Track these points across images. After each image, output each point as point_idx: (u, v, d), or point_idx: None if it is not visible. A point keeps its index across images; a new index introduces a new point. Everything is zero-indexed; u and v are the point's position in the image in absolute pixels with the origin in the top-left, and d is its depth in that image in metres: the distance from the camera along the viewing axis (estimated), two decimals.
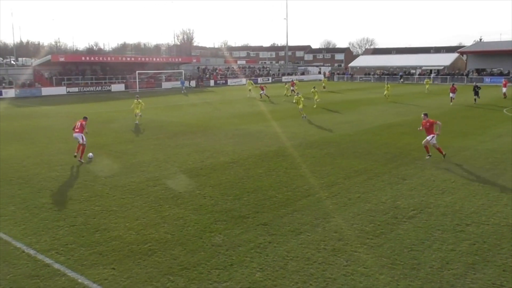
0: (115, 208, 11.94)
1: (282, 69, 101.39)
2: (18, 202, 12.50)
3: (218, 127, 26.63)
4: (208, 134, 24.26)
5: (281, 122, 28.17)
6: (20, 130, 26.48)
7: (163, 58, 79.75)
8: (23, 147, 21.02)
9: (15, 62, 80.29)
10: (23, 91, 55.73)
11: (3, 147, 20.87)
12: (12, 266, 8.54)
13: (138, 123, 28.21)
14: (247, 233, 10.07)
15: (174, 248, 9.30)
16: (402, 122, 28.10)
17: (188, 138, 22.93)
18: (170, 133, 24.53)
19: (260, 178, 14.77)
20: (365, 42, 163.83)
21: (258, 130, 25.05)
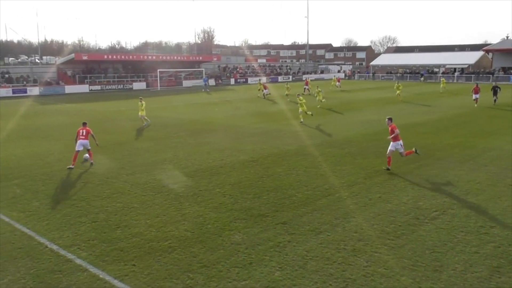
0: (136, 205, 12.06)
1: (302, 67, 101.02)
2: (42, 198, 12.74)
3: (238, 126, 26.67)
4: (228, 132, 24.32)
5: (302, 121, 28.03)
6: (44, 127, 26.96)
7: (184, 57, 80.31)
8: (47, 144, 21.40)
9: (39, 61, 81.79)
10: (47, 89, 56.74)
11: (28, 144, 21.29)
12: (36, 261, 8.70)
13: (146, 125, 26.81)
14: (266, 232, 10.06)
15: (194, 246, 9.35)
16: (425, 121, 27.72)
17: (209, 136, 23.02)
18: (191, 131, 24.66)
19: (279, 177, 14.74)
20: (387, 40, 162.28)
21: (278, 129, 25.01)
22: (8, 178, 14.91)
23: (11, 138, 23.14)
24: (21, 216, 11.23)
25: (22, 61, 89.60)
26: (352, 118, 29.74)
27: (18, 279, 8.01)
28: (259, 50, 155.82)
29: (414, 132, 23.60)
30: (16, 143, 21.53)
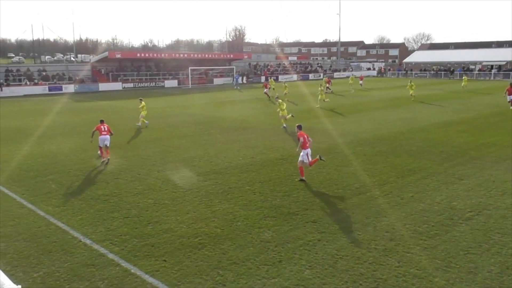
0: (167, 201, 12.22)
1: (334, 65, 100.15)
2: (76, 193, 13.05)
3: (268, 123, 26.66)
4: (259, 130, 24.34)
5: (332, 119, 27.84)
6: (79, 124, 27.59)
7: (215, 55, 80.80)
8: (81, 140, 21.90)
9: (74, 59, 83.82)
10: (81, 87, 58.03)
11: (63, 140, 21.85)
12: (70, 255, 8.93)
13: (141, 126, 25.72)
14: (296, 230, 10.03)
15: (224, 243, 9.40)
16: (459, 120, 27.06)
17: (239, 134, 23.10)
18: (221, 129, 24.80)
19: (310, 175, 14.65)
20: (421, 37, 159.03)
21: (308, 127, 24.80)
22: (43, 174, 15.34)
23: (47, 134, 23.80)
24: (56, 211, 11.53)
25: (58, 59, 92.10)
26: (384, 116, 29.29)
27: (53, 272, 8.23)
28: (290, 48, 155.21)
29: (449, 130, 23.08)
30: (51, 140, 22.13)
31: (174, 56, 71.44)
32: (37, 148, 19.87)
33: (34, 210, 11.60)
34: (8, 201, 12.46)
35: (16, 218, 11.06)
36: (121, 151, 18.96)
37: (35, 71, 59.45)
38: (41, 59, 77.97)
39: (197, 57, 73.30)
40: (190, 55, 74.27)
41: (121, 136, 22.51)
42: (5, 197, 12.79)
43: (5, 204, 12.12)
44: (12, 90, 52.49)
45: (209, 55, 77.92)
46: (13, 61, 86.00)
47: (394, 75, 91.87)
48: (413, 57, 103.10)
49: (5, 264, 8.42)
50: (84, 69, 64.51)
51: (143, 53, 75.64)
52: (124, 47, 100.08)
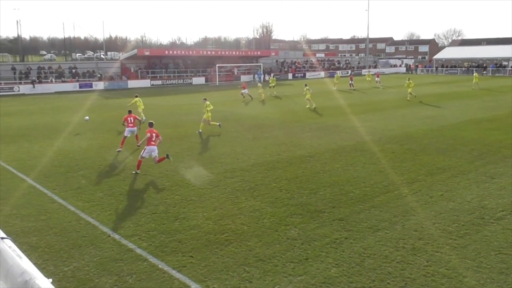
0: (194, 198, 12.31)
1: (362, 62, 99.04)
2: (106, 189, 13.28)
3: (295, 121, 26.58)
4: (285, 127, 24.29)
5: (360, 116, 27.55)
6: (108, 121, 28.07)
7: (242, 52, 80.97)
8: (111, 136, 22.29)
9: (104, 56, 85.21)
10: (111, 84, 59.00)
11: (92, 137, 22.27)
12: (99, 249, 9.10)
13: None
14: (323, 228, 9.97)
15: (250, 240, 9.42)
16: (491, 117, 26.40)
17: (266, 131, 23.10)
18: (248, 126, 24.84)
19: (337, 173, 14.55)
20: (452, 33, 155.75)
21: (335, 124, 24.69)
22: (74, 169, 15.67)
23: (77, 130, 24.29)
24: (86, 206, 11.77)
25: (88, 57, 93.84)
26: (413, 113, 28.82)
27: (83, 266, 8.41)
28: (318, 45, 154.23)
29: (480, 128, 22.56)
30: (81, 136, 22.57)
31: (202, 54, 71.97)
32: (67, 144, 20.31)
33: (65, 205, 11.86)
34: (40, 196, 12.78)
35: (47, 212, 11.33)
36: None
37: (66, 69, 60.74)
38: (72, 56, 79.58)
39: (225, 54, 73.59)
40: (217, 52, 74.71)
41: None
42: (37, 192, 13.12)
43: (36, 199, 12.43)
44: (44, 87, 53.77)
45: (236, 52, 78.05)
46: (45, 59, 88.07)
47: (424, 72, 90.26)
48: (444, 53, 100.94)
49: (36, 257, 8.64)
50: (113, 66, 65.57)
51: (171, 50, 76.36)
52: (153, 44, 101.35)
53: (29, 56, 76.68)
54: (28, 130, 24.70)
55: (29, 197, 12.64)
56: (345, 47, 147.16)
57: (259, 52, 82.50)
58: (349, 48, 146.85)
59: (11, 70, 57.48)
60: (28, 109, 35.62)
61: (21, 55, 69.82)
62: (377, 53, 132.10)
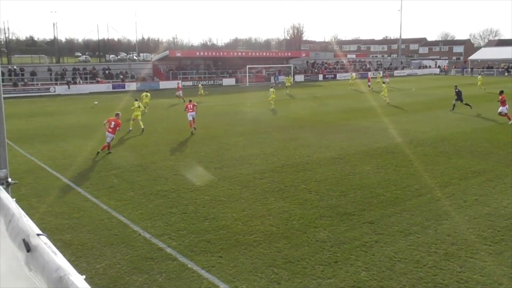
0: (223, 198, 12.39)
1: (394, 62, 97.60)
2: (137, 188, 13.51)
3: (325, 122, 26.42)
4: (316, 129, 24.17)
5: (391, 118, 27.15)
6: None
7: (272, 53, 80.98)
8: (142, 137, 22.65)
9: (137, 58, 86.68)
10: (143, 85, 59.91)
11: (126, 137, 22.68)
12: (130, 248, 9.25)
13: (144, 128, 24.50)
14: (352, 231, 9.87)
15: (279, 241, 9.41)
16: None
17: (296, 132, 23.04)
18: (278, 127, 24.83)
19: (367, 175, 14.39)
20: (488, 33, 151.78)
21: (367, 126, 24.42)
22: (106, 169, 16.00)
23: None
24: (118, 205, 11.99)
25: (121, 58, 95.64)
26: (446, 115, 28.23)
27: (114, 264, 8.57)
28: (349, 45, 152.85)
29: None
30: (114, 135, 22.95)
31: (232, 55, 72.40)
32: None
33: (98, 204, 12.13)
34: (74, 194, 13.10)
35: (80, 210, 11.61)
36: (181, 147, 19.43)
37: (100, 70, 62.12)
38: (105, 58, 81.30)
39: (255, 56, 73.78)
40: (248, 53, 74.96)
41: (180, 133, 23.08)
42: (71, 190, 13.46)
43: (70, 197, 12.75)
44: (79, 88, 55.16)
45: (266, 53, 78.18)
46: (79, 60, 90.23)
47: (458, 73, 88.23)
48: (479, 54, 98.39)
49: (70, 254, 8.86)
50: (145, 67, 66.68)
51: (202, 51, 77.10)
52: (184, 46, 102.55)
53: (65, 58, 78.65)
54: (64, 130, 25.36)
55: (63, 195, 12.98)
56: (377, 48, 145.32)
57: (289, 53, 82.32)
58: (381, 49, 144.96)
59: (48, 71, 59.18)
60: (63, 109, 36.56)
61: (57, 57, 71.74)
62: (409, 54, 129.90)
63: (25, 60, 69.89)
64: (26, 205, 11.60)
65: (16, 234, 2.35)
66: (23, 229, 2.30)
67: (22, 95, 50.20)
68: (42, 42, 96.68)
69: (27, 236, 2.23)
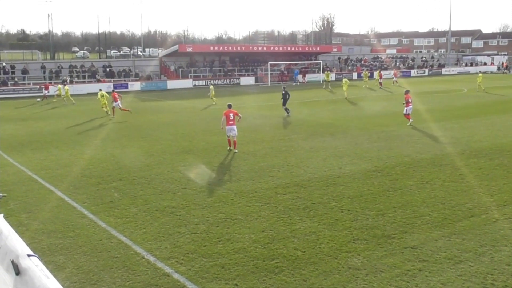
0: (240, 216, 12.41)
1: (442, 59, 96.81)
2: (140, 204, 13.63)
3: (360, 128, 26.30)
4: (348, 136, 24.08)
5: (439, 124, 26.90)
6: (144, 126, 28.85)
7: (298, 48, 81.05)
8: (147, 144, 22.87)
9: (142, 53, 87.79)
10: (148, 84, 60.71)
11: (127, 144, 22.94)
12: (132, 272, 9.33)
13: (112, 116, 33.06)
14: (391, 257, 9.79)
15: (304, 268, 9.38)
16: None
17: (325, 140, 22.99)
18: (305, 134, 24.81)
19: (410, 191, 14.27)
20: None
21: (409, 133, 24.22)
22: (106, 181, 16.19)
23: (111, 137, 25.10)
24: (118, 223, 12.11)
25: (124, 54, 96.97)
26: (506, 121, 27.82)
27: None
28: (388, 39, 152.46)
29: None
30: (115, 143, 23.31)
31: (252, 50, 72.71)
32: (99, 152, 21.02)
33: (95, 221, 12.26)
34: (69, 209, 13.28)
35: (76, 229, 11.75)
36: (190, 157, 19.55)
37: (100, 67, 63.06)
38: (106, 53, 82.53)
39: (278, 51, 74.05)
40: (269, 48, 75.13)
41: (190, 141, 23.23)
42: (65, 205, 13.64)
43: (65, 213, 12.92)
44: (76, 87, 56.01)
45: (291, 48, 78.29)
46: (77, 56, 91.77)
47: None
48: None
49: (63, 279, 8.97)
50: (151, 64, 67.52)
51: (217, 46, 77.61)
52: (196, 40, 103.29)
53: (61, 53, 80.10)
54: (58, 136, 25.78)
55: (57, 210, 13.17)
56: (422, 42, 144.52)
57: (318, 47, 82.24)
58: (427, 43, 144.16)
59: (41, 68, 60.36)
60: (58, 112, 37.19)
61: (52, 52, 73.10)
62: (461, 49, 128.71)
63: (15, 56, 71.38)
64: (15, 222, 11.81)
65: (4, 255, 2.40)
66: (12, 249, 2.34)
67: (12, 95, 51.39)
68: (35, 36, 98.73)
69: (16, 257, 2.27)
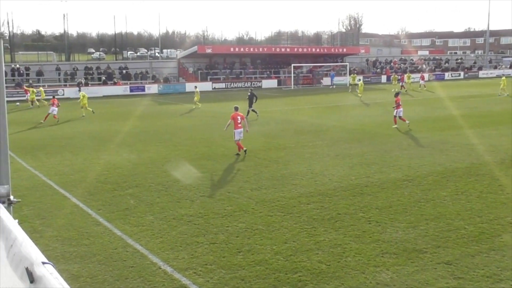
0: (261, 226, 12.40)
1: (479, 61, 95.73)
2: (157, 212, 13.71)
3: (389, 135, 26.12)
4: (377, 143, 23.93)
5: (476, 131, 26.56)
6: (162, 130, 29.04)
7: (324, 49, 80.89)
8: (164, 149, 23.02)
9: (159, 54, 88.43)
10: (166, 87, 61.11)
11: (143, 149, 23.11)
12: (148, 283, 9.38)
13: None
14: (423, 273, 9.68)
15: (329, 282, 9.33)
16: None
17: (351, 147, 22.88)
18: (330, 140, 24.73)
19: (443, 203, 14.11)
20: None
21: (443, 140, 23.97)
22: (122, 187, 16.33)
23: (126, 141, 25.31)
24: (134, 231, 12.20)
25: (141, 55, 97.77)
26: None
27: None
28: (420, 40, 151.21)
29: None
30: (131, 147, 23.50)
31: (274, 51, 72.76)
32: (115, 157, 21.21)
33: (111, 229, 12.38)
34: (83, 216, 13.43)
35: (91, 236, 11.87)
36: (209, 163, 19.61)
37: (116, 69, 63.77)
38: (123, 55, 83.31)
39: (302, 52, 74.04)
40: (293, 49, 75.13)
41: (208, 146, 23.33)
42: (80, 212, 13.80)
43: (79, 220, 13.07)
44: (91, 90, 56.53)
45: (316, 49, 78.15)
46: (92, 58, 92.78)
47: None
48: None
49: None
50: (169, 66, 67.99)
51: (238, 47, 77.78)
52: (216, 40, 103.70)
53: (76, 55, 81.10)
54: (72, 140, 26.10)
55: (71, 217, 13.33)
56: (457, 43, 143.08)
57: (345, 49, 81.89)
58: (462, 43, 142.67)
59: (56, 70, 61.27)
60: (72, 115, 37.62)
61: (67, 54, 74.05)
62: (500, 50, 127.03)
63: (30, 57, 72.40)
64: (28, 228, 11.97)
65: (18, 262, 2.43)
66: (27, 256, 2.38)
67: (26, 98, 52.06)
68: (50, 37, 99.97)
69: (31, 264, 2.30)
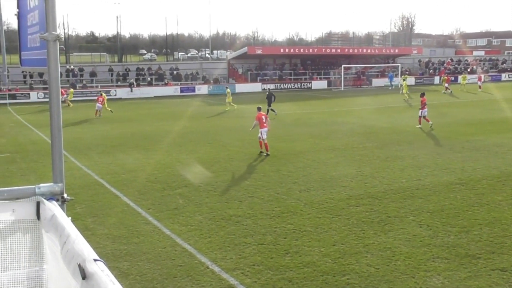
0: (309, 228, 12.36)
1: None
2: (205, 212, 13.86)
3: (442, 137, 25.59)
4: (428, 145, 23.52)
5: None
6: (211, 131, 29.34)
7: (375, 50, 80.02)
8: (213, 150, 23.24)
9: (210, 55, 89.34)
10: (216, 88, 61.67)
11: (193, 149, 23.40)
12: (196, 282, 9.49)
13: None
14: (476, 279, 9.44)
15: (378, 286, 9.23)
16: None
17: (403, 149, 22.55)
18: (380, 142, 24.43)
19: (498, 208, 13.73)
20: None
21: (498, 143, 23.31)
22: (171, 187, 16.57)
23: (177, 142, 25.69)
24: (183, 230, 12.37)
25: (191, 56, 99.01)
26: None
27: None
28: (476, 40, 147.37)
29: None
30: (181, 148, 23.83)
31: (325, 52, 72.44)
32: (166, 157, 21.55)
33: (160, 228, 12.59)
34: (134, 215, 13.70)
35: (140, 235, 12.10)
36: (258, 165, 19.69)
37: (167, 70, 64.80)
38: (174, 56, 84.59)
39: (353, 53, 73.46)
40: (343, 50, 74.55)
41: (258, 147, 23.38)
42: (130, 211, 14.09)
43: (130, 219, 13.34)
44: (142, 91, 57.85)
45: (367, 50, 77.38)
46: (144, 59, 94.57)
47: None
48: None
49: (127, 286, 9.25)
50: (219, 67, 68.62)
51: (288, 48, 77.69)
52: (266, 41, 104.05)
53: (128, 56, 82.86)
54: (124, 140, 26.68)
55: (122, 216, 13.62)
56: None
57: (397, 49, 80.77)
58: None
59: (108, 71, 62.78)
60: (125, 115, 38.51)
61: (120, 55, 75.75)
62: None
63: (84, 58, 74.52)
64: (80, 226, 12.30)
65: (71, 258, 2.50)
66: (79, 253, 2.44)
67: (79, 98, 53.56)
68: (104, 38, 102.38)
69: (83, 261, 2.37)
